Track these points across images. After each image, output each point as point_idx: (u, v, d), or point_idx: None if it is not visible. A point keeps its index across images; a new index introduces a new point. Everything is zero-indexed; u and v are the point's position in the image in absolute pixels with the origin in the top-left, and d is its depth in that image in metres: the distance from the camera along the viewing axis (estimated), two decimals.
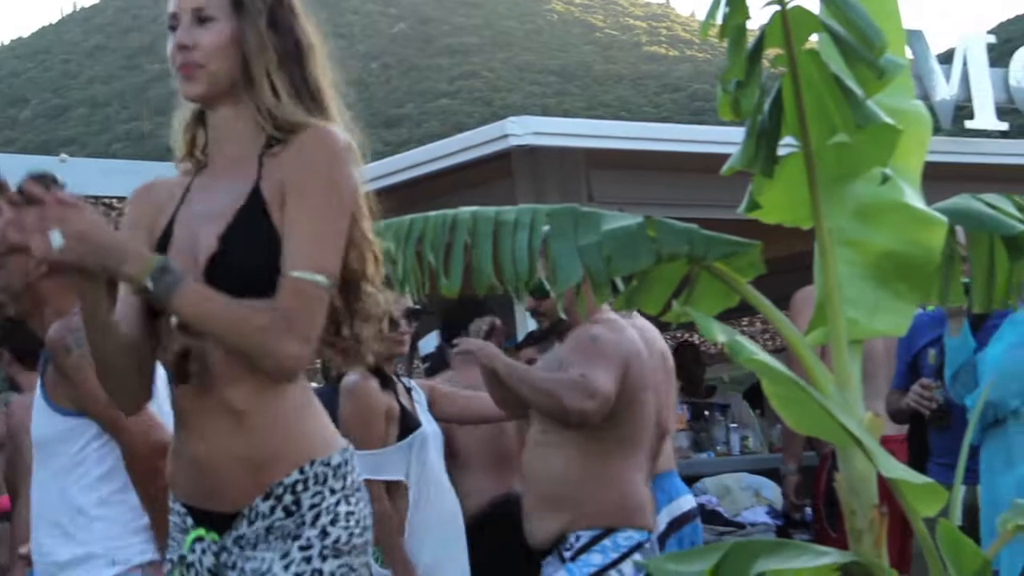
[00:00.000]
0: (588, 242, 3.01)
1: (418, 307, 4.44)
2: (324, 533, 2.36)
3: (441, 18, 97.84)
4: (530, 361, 5.76)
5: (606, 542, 4.12)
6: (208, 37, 2.42)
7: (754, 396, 9.14)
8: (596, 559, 4.11)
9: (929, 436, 5.43)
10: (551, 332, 4.57)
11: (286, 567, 2.33)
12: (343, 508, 2.39)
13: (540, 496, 4.21)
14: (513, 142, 6.38)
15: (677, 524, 5.18)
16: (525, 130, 6.39)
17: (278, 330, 2.28)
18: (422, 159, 7.06)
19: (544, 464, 4.20)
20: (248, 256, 2.35)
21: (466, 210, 3.11)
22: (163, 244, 2.43)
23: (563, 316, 4.19)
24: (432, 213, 3.14)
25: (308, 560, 2.34)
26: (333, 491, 2.39)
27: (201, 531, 2.39)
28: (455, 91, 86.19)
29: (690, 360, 8.39)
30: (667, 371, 5.21)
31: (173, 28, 2.46)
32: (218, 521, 2.39)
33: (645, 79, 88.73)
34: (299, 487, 2.36)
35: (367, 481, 2.69)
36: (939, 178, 6.02)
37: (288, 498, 2.36)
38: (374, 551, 4.68)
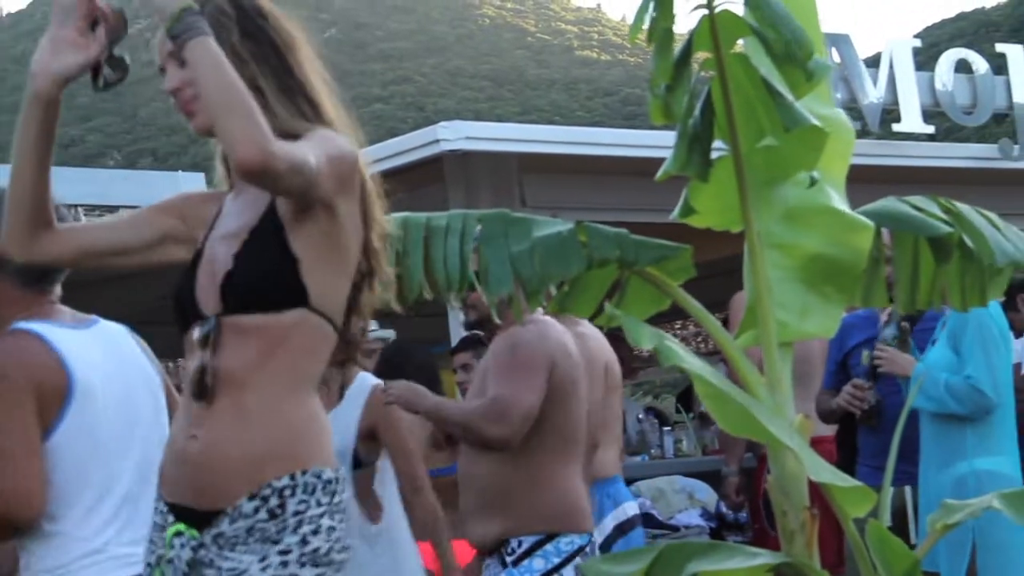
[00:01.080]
0: (520, 249, 3.01)
1: None
2: (304, 541, 2.36)
3: (373, 23, 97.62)
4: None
5: (548, 547, 4.12)
6: (191, 72, 2.40)
7: (687, 399, 9.20)
8: (538, 564, 4.11)
9: (859, 437, 5.47)
10: (479, 327, 4.57)
11: (263, 569, 2.33)
12: (326, 522, 2.39)
13: (480, 500, 4.19)
14: (445, 147, 6.38)
15: (624, 529, 5.19)
16: (457, 135, 6.39)
17: (260, 126, 2.25)
18: None
19: (483, 467, 4.18)
20: (258, 275, 2.39)
21: (396, 216, 3.09)
22: (194, 264, 2.49)
23: (497, 321, 4.17)
24: None
25: (285, 564, 2.34)
26: (319, 503, 2.39)
27: (181, 526, 2.40)
28: (388, 96, 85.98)
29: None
30: (610, 381, 5.21)
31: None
32: (199, 518, 2.39)
33: (577, 83, 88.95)
34: (287, 492, 2.36)
35: None
36: (867, 181, 6.10)
37: (274, 501, 2.35)
38: None
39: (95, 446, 2.89)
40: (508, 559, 4.10)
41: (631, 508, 5.29)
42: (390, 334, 5.53)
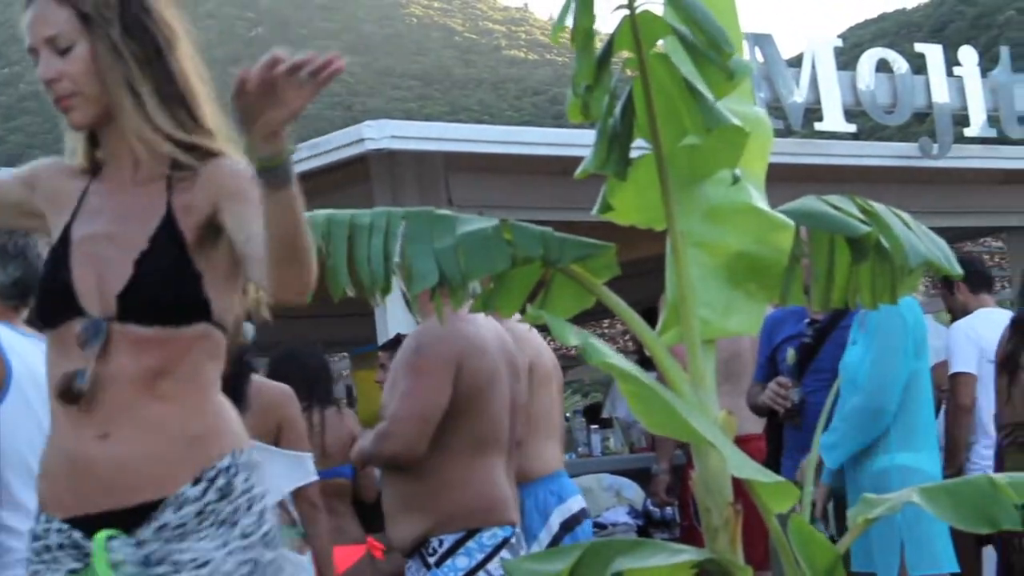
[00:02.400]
0: (444, 245, 3.00)
1: None
2: (260, 522, 2.33)
3: (300, 22, 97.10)
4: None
5: (471, 544, 4.11)
6: (72, 66, 2.35)
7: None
8: (462, 562, 4.09)
9: (784, 432, 5.52)
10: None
11: (228, 554, 2.28)
12: (269, 501, 2.37)
13: (400, 501, 4.18)
14: (370, 146, 6.35)
15: (569, 525, 5.19)
16: (382, 134, 6.37)
17: (312, 269, 2.27)
18: None
19: (402, 469, 4.17)
20: (163, 288, 2.31)
21: (320, 213, 3.07)
22: (62, 250, 2.38)
23: (417, 320, 4.17)
24: None
25: (249, 548, 2.30)
26: (260, 483, 2.36)
27: (111, 531, 2.29)
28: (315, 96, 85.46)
29: None
30: (539, 377, 5.21)
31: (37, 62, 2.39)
32: (124, 519, 2.30)
33: (505, 83, 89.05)
34: (231, 471, 2.32)
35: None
36: (790, 180, 6.18)
37: (221, 480, 2.31)
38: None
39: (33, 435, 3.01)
40: (430, 559, 4.09)
41: (576, 503, 5.29)
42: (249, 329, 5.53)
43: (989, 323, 6.71)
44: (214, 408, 2.38)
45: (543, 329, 3.51)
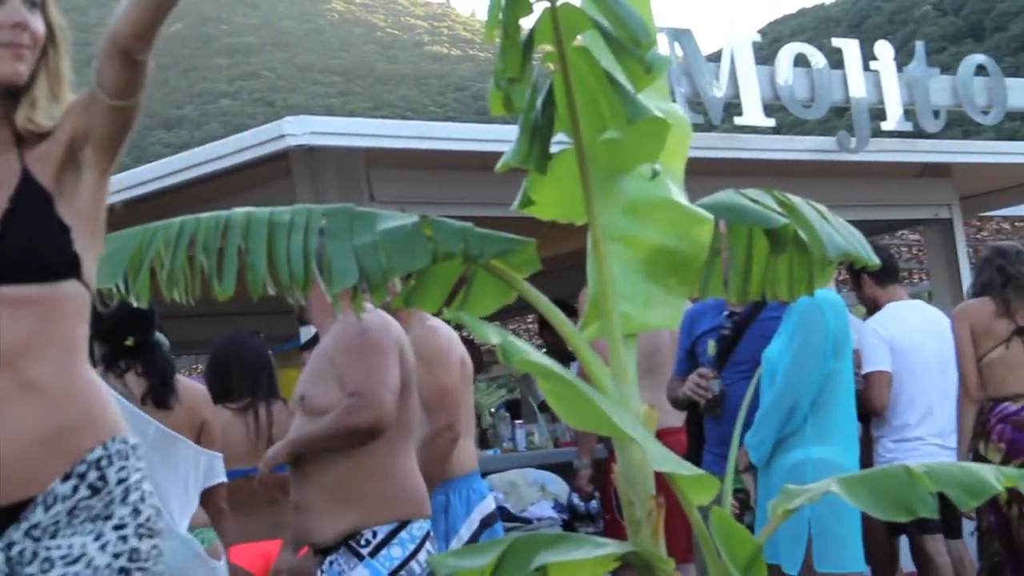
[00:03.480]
0: (364, 242, 2.98)
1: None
2: (136, 511, 2.30)
3: (219, 17, 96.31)
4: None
5: (403, 534, 4.10)
6: (37, 26, 2.38)
7: None
8: (397, 552, 4.09)
9: (705, 425, 5.57)
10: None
11: (102, 548, 2.25)
12: (146, 487, 2.34)
13: (324, 495, 4.15)
14: (290, 142, 6.30)
15: (488, 521, 5.20)
16: (303, 130, 6.32)
17: None
18: (199, 160, 6.92)
19: (328, 457, 4.15)
20: (33, 243, 2.31)
21: (239, 211, 3.05)
22: None
23: (338, 316, 4.15)
24: (204, 215, 3.07)
25: (124, 539, 2.27)
26: (137, 469, 2.33)
27: None
28: (235, 92, 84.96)
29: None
30: (465, 374, 5.24)
31: None
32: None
33: (428, 79, 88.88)
34: (104, 463, 2.29)
35: None
36: (710, 174, 6.21)
37: (92, 475, 2.28)
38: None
39: None
40: (363, 551, 4.07)
41: (492, 503, 5.33)
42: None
43: (897, 318, 6.80)
44: (86, 393, 2.35)
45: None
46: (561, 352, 7.39)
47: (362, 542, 4.08)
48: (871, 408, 6.75)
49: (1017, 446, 5.66)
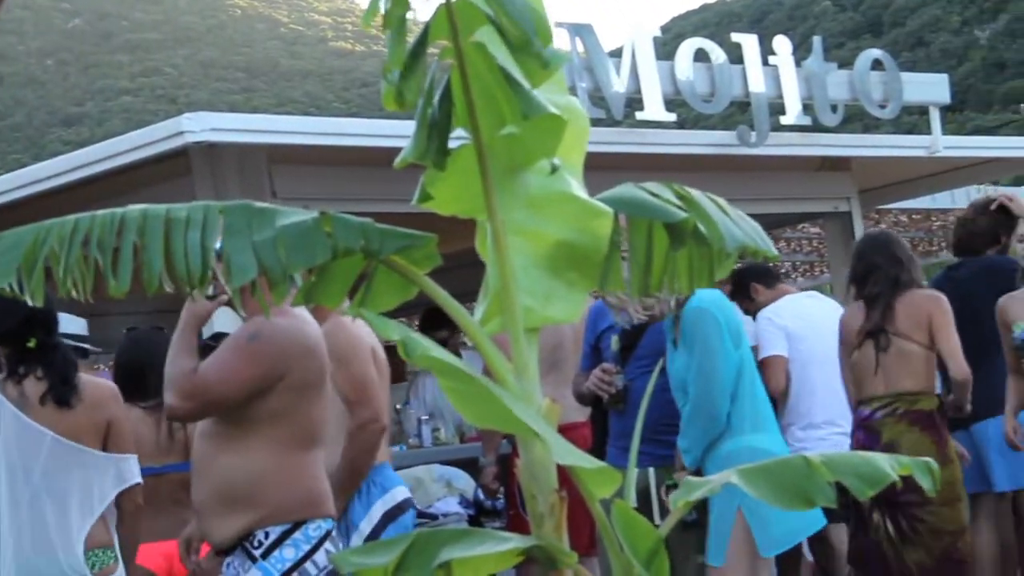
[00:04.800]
0: (263, 238, 2.95)
1: None
2: None
3: (119, 13, 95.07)
4: None
5: (297, 535, 4.08)
6: None
7: None
8: (289, 554, 4.07)
9: (610, 419, 5.60)
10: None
11: None
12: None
13: (221, 495, 4.11)
14: (190, 139, 6.23)
15: (392, 515, 5.18)
16: (202, 126, 6.26)
17: None
18: (97, 157, 6.83)
19: (223, 460, 4.11)
20: None
21: (135, 208, 3.00)
22: None
23: (241, 315, 4.12)
24: (99, 212, 3.02)
25: None
26: None
27: None
28: (137, 88, 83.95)
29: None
30: (378, 367, 5.22)
31: None
32: None
33: (333, 74, 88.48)
34: None
35: None
36: (613, 168, 6.24)
37: None
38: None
39: None
40: (255, 552, 4.05)
41: (400, 493, 5.29)
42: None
43: (792, 308, 6.89)
44: None
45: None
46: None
47: (255, 543, 4.05)
48: (768, 393, 6.83)
49: (869, 451, 5.67)
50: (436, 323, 8.39)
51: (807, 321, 6.83)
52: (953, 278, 6.79)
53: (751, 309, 7.00)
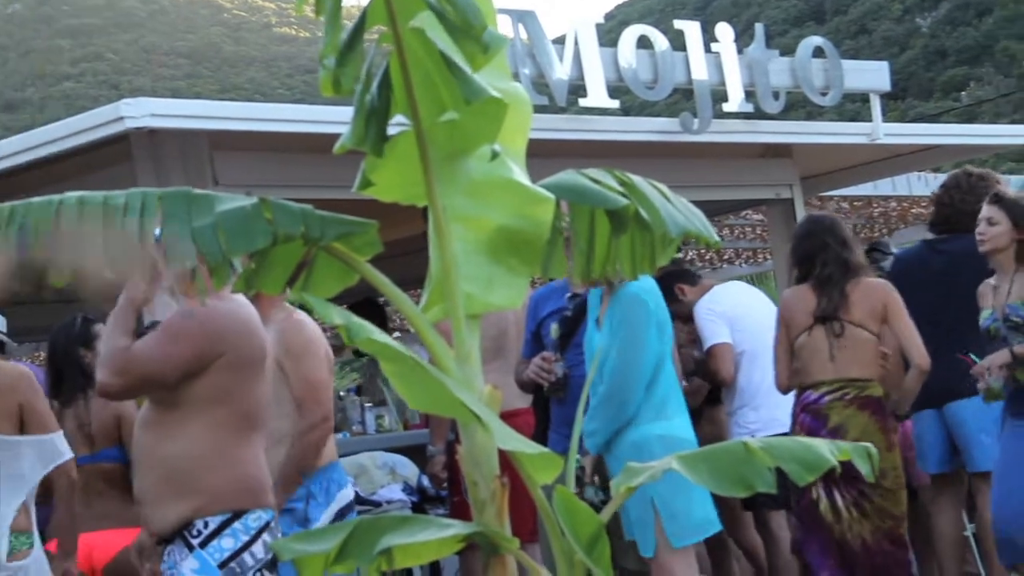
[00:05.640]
0: (202, 224, 2.93)
1: None
2: None
3: None
4: None
5: (236, 525, 4.06)
6: None
7: None
8: (227, 543, 4.05)
9: (551, 406, 5.61)
10: None
11: None
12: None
13: (161, 483, 4.09)
14: (129, 125, 6.16)
15: (344, 512, 5.18)
16: (142, 112, 6.18)
17: None
18: (35, 143, 6.73)
19: (164, 447, 4.08)
20: None
21: (72, 195, 2.98)
22: None
23: (179, 301, 4.09)
24: (36, 199, 2.99)
25: None
26: None
27: None
28: (79, 74, 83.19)
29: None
30: (330, 366, 5.22)
31: None
32: None
33: (277, 61, 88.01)
34: None
35: None
36: (557, 155, 6.23)
37: None
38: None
39: None
40: (194, 541, 4.03)
41: (351, 491, 5.32)
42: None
43: (726, 295, 6.92)
44: None
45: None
46: None
47: (194, 532, 4.03)
48: (718, 380, 6.85)
49: (813, 435, 5.69)
50: (364, 316, 8.37)
51: (745, 306, 6.88)
52: (942, 251, 6.68)
53: (681, 311, 6.99)
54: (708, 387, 7.02)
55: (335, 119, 6.63)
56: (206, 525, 4.04)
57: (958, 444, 6.41)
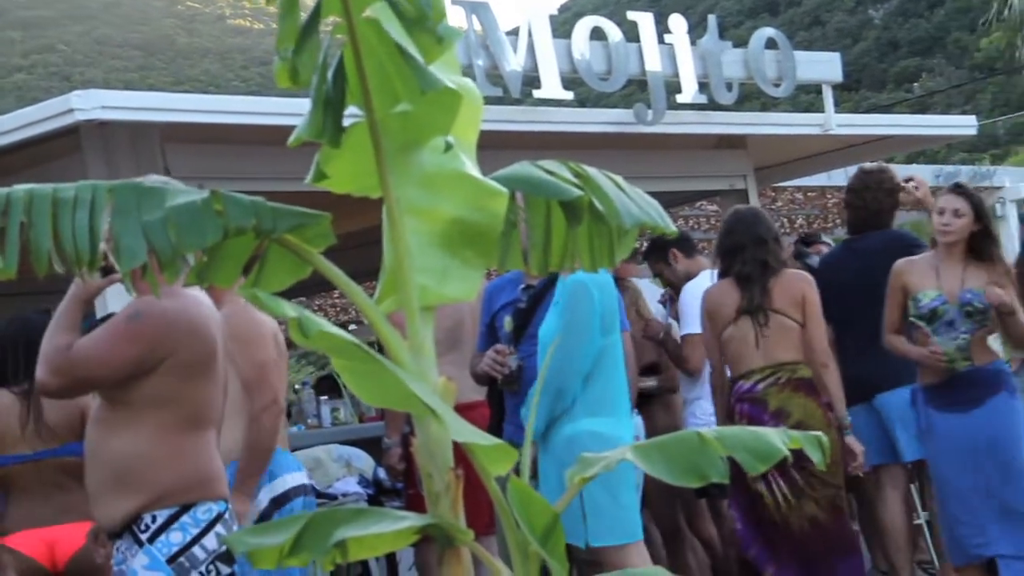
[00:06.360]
0: (152, 218, 2.91)
1: None
2: None
3: None
4: None
5: (185, 519, 4.04)
6: None
7: None
8: (176, 537, 4.02)
9: (505, 397, 5.61)
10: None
11: None
12: None
13: (110, 478, 4.06)
14: (80, 117, 6.12)
15: (280, 501, 5.15)
16: (92, 104, 6.14)
17: None
18: None
19: (113, 442, 4.05)
20: None
21: (20, 188, 2.94)
22: None
23: (133, 295, 4.06)
24: None
25: None
26: None
27: None
28: (30, 66, 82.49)
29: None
30: (279, 350, 5.19)
31: None
32: None
33: (231, 53, 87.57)
34: None
35: None
36: (512, 147, 6.24)
37: None
38: None
39: None
40: (143, 536, 4.01)
41: (292, 480, 5.26)
42: None
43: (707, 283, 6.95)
44: None
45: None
46: None
47: (142, 527, 4.01)
48: (686, 369, 6.89)
49: (755, 422, 5.78)
50: None
51: None
52: (856, 250, 6.86)
53: (667, 275, 7.04)
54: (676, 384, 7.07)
55: (287, 111, 6.62)
56: (154, 519, 4.01)
57: (890, 436, 6.56)
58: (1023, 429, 5.96)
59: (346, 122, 2.85)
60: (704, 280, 6.84)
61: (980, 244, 6.02)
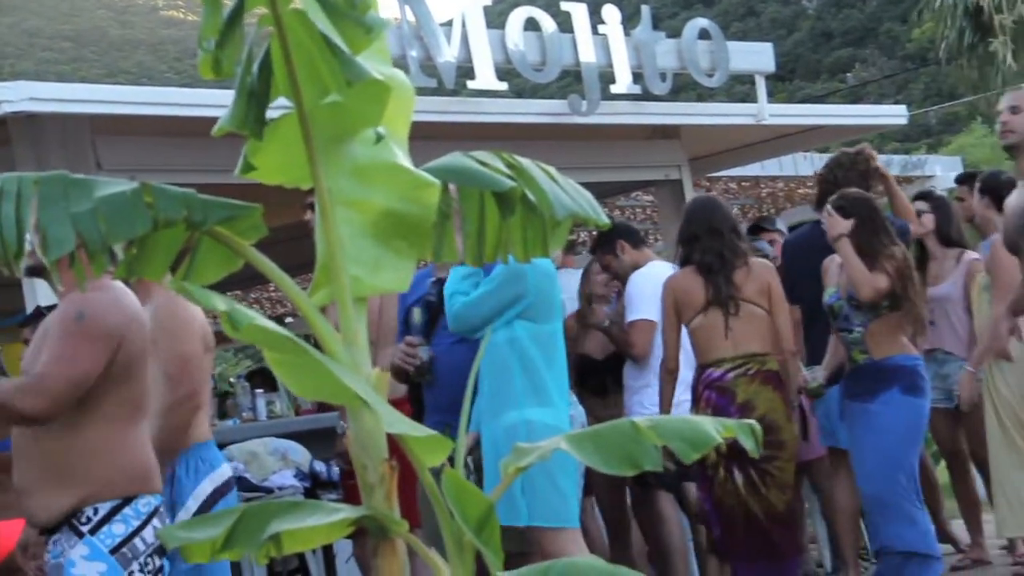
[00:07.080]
0: (81, 209, 2.88)
1: None
2: None
3: None
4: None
5: (127, 511, 4.03)
6: None
7: None
8: (118, 529, 4.02)
9: (424, 393, 5.61)
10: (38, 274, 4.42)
11: None
12: None
13: (46, 473, 4.03)
14: (7, 109, 6.06)
15: (222, 491, 5.13)
16: (20, 96, 6.08)
17: None
18: None
19: (47, 440, 4.03)
20: None
21: None
22: None
23: (58, 288, 4.03)
24: None
25: None
26: None
27: None
28: None
29: None
30: (207, 343, 5.16)
31: None
32: None
33: (165, 44, 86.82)
34: None
35: None
36: (446, 138, 6.23)
37: None
38: None
39: None
40: (83, 528, 3.99)
41: (227, 471, 5.25)
42: None
43: (660, 272, 6.98)
44: None
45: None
46: None
47: (83, 519, 3.99)
48: (633, 355, 6.89)
49: (721, 411, 5.84)
50: None
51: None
52: (823, 232, 6.84)
53: (614, 266, 7.05)
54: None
55: (220, 103, 6.55)
56: (95, 512, 4.00)
57: (832, 421, 6.68)
58: (909, 428, 6.02)
59: (276, 113, 2.83)
60: (653, 269, 6.86)
61: (862, 240, 6.09)
